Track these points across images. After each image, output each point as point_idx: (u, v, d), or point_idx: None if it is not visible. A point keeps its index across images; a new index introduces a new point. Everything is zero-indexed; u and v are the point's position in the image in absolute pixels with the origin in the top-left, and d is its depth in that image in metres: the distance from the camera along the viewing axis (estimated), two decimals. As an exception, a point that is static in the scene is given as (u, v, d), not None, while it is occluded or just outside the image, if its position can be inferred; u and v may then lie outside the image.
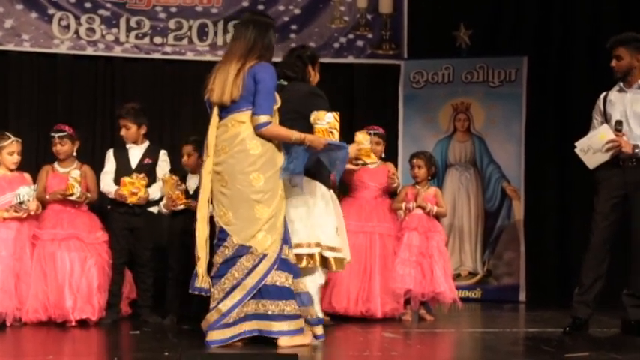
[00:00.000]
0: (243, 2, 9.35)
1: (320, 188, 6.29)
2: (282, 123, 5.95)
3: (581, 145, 6.66)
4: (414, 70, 9.48)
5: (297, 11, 9.42)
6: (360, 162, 6.94)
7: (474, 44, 9.50)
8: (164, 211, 7.34)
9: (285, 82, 6.39)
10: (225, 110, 5.80)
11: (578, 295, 6.66)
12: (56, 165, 7.30)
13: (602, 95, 6.81)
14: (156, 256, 7.40)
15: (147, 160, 7.36)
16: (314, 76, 6.69)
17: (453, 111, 9.41)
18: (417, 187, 7.65)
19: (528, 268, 9.15)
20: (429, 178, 7.72)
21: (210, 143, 5.78)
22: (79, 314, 6.89)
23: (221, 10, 9.31)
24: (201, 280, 5.69)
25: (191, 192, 7.30)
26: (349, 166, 6.80)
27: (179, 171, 7.45)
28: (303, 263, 6.15)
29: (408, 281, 7.32)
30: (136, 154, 7.36)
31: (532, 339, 6.56)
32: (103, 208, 7.70)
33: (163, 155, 7.47)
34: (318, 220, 6.26)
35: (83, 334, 6.58)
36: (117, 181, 7.25)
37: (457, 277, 9.02)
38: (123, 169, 7.28)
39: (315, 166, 6.14)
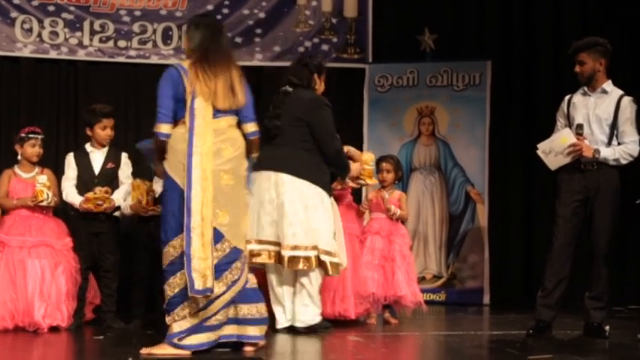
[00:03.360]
0: (208, 6, 9.31)
1: (320, 194, 6.64)
2: (286, 128, 6.52)
3: (543, 147, 6.72)
4: (378, 73, 9.50)
5: (262, 15, 9.40)
6: (361, 182, 7.39)
7: (438, 48, 9.54)
8: (128, 212, 7.28)
9: (290, 89, 6.75)
10: (218, 112, 5.74)
11: (541, 298, 6.71)
12: (17, 169, 7.22)
13: (566, 98, 6.87)
14: (120, 260, 7.37)
15: (110, 165, 7.31)
16: (319, 85, 7.01)
17: (418, 115, 9.44)
18: (383, 190, 7.66)
19: (492, 272, 9.19)
20: (395, 181, 7.75)
21: (210, 143, 5.68)
22: (49, 321, 6.84)
23: (186, 14, 9.25)
24: (209, 281, 5.52)
25: (156, 196, 7.28)
26: (350, 184, 7.34)
27: (142, 175, 7.40)
28: (300, 265, 6.51)
29: (370, 285, 7.33)
30: (97, 158, 7.30)
31: (496, 342, 6.59)
32: (66, 212, 7.65)
33: (125, 158, 7.42)
34: (317, 224, 6.59)
35: (45, 340, 6.52)
36: (79, 187, 7.20)
37: (421, 280, 9.05)
38: (86, 175, 7.23)
39: (317, 172, 6.63)
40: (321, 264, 6.60)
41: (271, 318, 7.14)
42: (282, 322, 6.75)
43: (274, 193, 6.60)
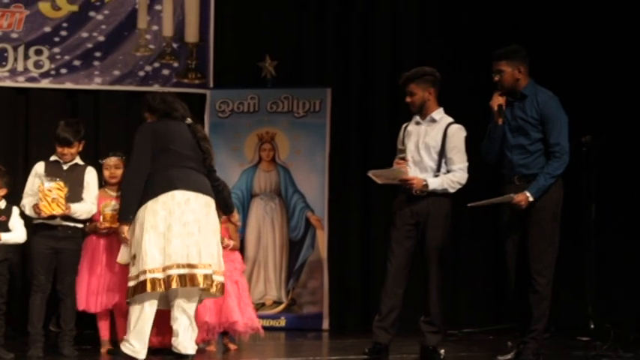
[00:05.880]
0: (45, 28, 9.11)
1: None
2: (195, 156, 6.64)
3: (374, 172, 6.95)
4: (219, 99, 9.48)
5: (101, 38, 9.26)
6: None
7: (279, 75, 9.58)
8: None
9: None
10: None
11: (377, 322, 6.84)
12: None
13: (403, 126, 7.12)
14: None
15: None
16: None
17: (259, 140, 9.45)
18: None
19: (332, 297, 9.25)
20: None
21: None
22: None
23: (22, 35, 9.05)
24: None
25: None
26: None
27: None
28: (213, 288, 6.55)
29: (202, 313, 7.17)
30: None
31: (334, 366, 6.66)
32: None
33: None
34: (219, 249, 6.67)
35: None
36: None
37: (261, 306, 9.06)
38: None
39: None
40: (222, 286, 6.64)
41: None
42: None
43: (201, 213, 6.50)
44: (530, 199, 6.52)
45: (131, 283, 6.39)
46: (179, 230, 6.38)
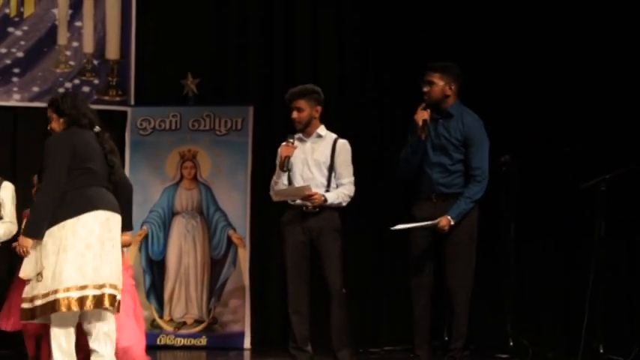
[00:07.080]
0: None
1: None
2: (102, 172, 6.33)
3: (278, 191, 7.07)
4: (140, 116, 9.42)
5: (20, 54, 9.14)
6: None
7: (201, 93, 9.55)
8: None
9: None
10: None
11: (292, 343, 6.94)
12: None
13: (283, 144, 7.17)
14: None
15: None
16: None
17: (180, 158, 9.40)
18: None
19: (253, 315, 9.23)
20: None
21: None
22: None
23: None
24: None
25: None
26: None
27: None
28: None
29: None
30: None
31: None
32: None
33: None
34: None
35: None
36: None
37: (182, 325, 9.00)
38: None
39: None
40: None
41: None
42: None
43: (115, 232, 6.30)
44: (452, 222, 6.59)
45: (38, 302, 6.09)
46: (98, 250, 6.17)
